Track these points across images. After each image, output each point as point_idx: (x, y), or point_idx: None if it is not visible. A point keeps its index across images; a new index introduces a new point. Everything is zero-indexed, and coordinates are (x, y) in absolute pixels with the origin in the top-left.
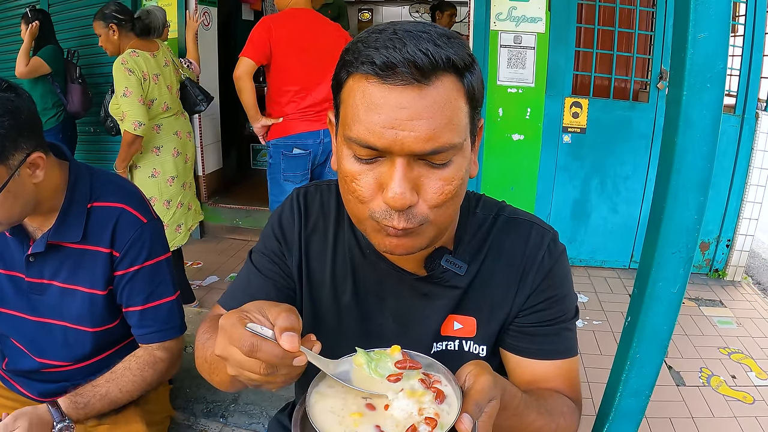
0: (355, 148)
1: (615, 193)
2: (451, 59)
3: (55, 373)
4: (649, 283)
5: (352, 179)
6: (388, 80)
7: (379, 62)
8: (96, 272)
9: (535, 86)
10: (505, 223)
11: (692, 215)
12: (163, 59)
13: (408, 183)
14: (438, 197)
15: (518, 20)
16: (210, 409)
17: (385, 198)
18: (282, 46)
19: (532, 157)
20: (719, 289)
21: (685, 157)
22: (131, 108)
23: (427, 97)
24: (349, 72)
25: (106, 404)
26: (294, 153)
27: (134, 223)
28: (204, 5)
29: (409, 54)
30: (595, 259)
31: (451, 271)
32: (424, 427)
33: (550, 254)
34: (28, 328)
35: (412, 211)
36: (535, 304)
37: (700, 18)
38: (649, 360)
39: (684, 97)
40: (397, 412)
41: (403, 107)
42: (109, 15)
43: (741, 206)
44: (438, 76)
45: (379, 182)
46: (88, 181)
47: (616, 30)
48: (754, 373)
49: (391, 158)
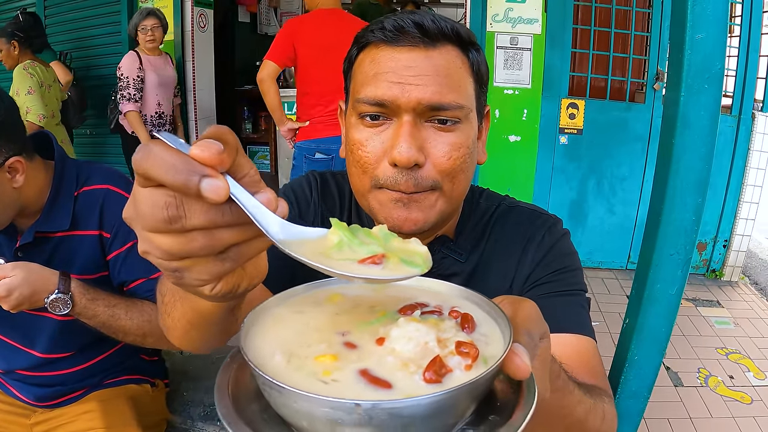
0: (363, 107)
1: (612, 194)
2: (456, 29)
3: (52, 377)
4: (647, 284)
5: (358, 147)
6: (397, 43)
7: (389, 26)
8: (86, 257)
9: (532, 87)
10: (506, 211)
11: (690, 217)
12: (53, 77)
13: (415, 140)
14: (446, 161)
15: (514, 21)
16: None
17: (392, 157)
18: (306, 49)
19: (529, 158)
20: (716, 290)
21: (683, 158)
22: (35, 104)
23: (434, 59)
24: (360, 47)
25: (108, 316)
26: (316, 157)
27: (121, 201)
28: (200, 7)
29: (417, 19)
30: (592, 260)
31: (451, 257)
32: (457, 360)
33: (550, 234)
34: (17, 322)
35: (420, 174)
36: (538, 278)
37: (697, 19)
38: (647, 362)
39: (682, 98)
40: (401, 343)
41: (410, 66)
42: (11, 32)
43: (738, 206)
44: (443, 44)
45: (384, 147)
46: (74, 170)
47: (612, 31)
48: (752, 373)
49: (398, 120)
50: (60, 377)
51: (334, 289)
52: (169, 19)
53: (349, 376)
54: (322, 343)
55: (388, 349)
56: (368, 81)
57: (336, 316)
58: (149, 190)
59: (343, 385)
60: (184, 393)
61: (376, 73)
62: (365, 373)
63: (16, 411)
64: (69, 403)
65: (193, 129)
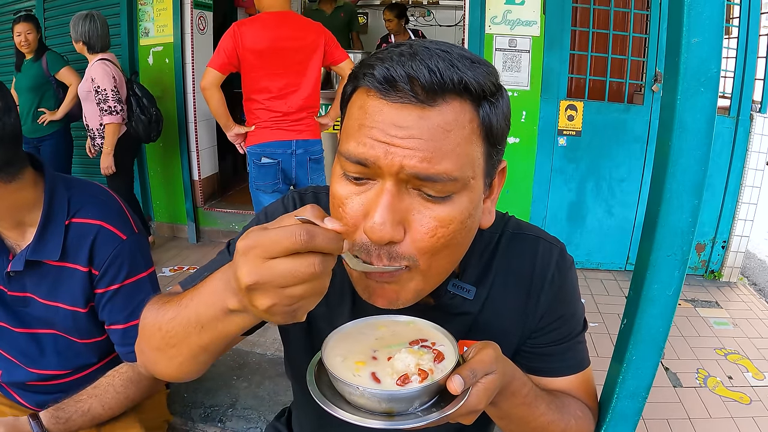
0: (345, 164)
1: (610, 195)
2: (465, 82)
3: (53, 385)
4: (645, 285)
5: (339, 204)
6: (387, 96)
7: (378, 75)
8: (76, 290)
9: (531, 89)
10: (510, 239)
11: (687, 218)
12: None
13: (393, 214)
14: (428, 239)
15: (513, 23)
16: (208, 414)
17: (365, 227)
18: (247, 53)
19: (528, 160)
20: (715, 291)
21: (680, 161)
22: None
23: (430, 119)
24: (354, 86)
25: (88, 420)
26: (262, 162)
27: (113, 241)
28: (199, 9)
29: (413, 70)
30: (591, 261)
31: (460, 296)
32: (416, 378)
33: (559, 271)
34: (16, 340)
35: (395, 249)
36: (547, 324)
37: (693, 23)
38: (645, 362)
39: (678, 101)
40: (397, 363)
41: (399, 126)
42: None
43: (736, 207)
44: (446, 99)
45: (365, 209)
46: (65, 195)
47: (610, 33)
48: (751, 373)
49: (381, 182)
50: (61, 385)
51: (382, 321)
52: (168, 21)
53: (365, 374)
54: (360, 354)
55: (390, 364)
56: (353, 133)
57: (375, 341)
58: (303, 260)
59: (361, 378)
60: (184, 394)
61: (361, 126)
62: (373, 374)
63: (18, 415)
64: None
65: (192, 132)
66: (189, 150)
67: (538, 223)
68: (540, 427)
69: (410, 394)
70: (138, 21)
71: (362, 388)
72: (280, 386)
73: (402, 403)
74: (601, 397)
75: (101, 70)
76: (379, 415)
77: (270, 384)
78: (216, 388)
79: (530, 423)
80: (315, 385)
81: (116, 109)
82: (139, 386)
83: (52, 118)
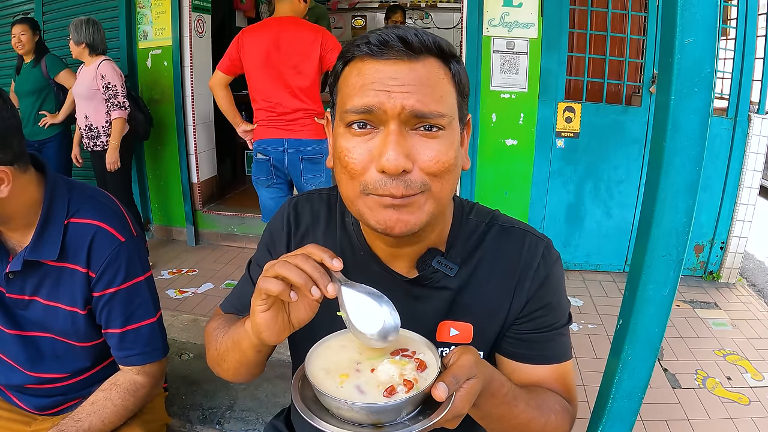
0: (350, 116)
1: (609, 197)
2: (438, 43)
3: (52, 388)
4: (640, 285)
5: (345, 154)
6: (382, 57)
7: (374, 40)
8: (75, 291)
9: (528, 91)
10: (499, 231)
11: (681, 218)
12: None
13: (402, 148)
14: (434, 164)
15: (511, 26)
16: (206, 416)
17: (380, 164)
18: (248, 57)
19: (526, 161)
20: (714, 291)
21: (674, 161)
22: None
23: (417, 70)
24: (345, 61)
25: None
26: (258, 158)
27: (110, 243)
28: (198, 12)
29: (402, 33)
30: (590, 263)
31: (442, 272)
32: (401, 389)
33: (545, 262)
34: (12, 343)
35: (409, 177)
36: (532, 311)
37: (686, 23)
38: (641, 362)
39: (672, 101)
40: (381, 374)
41: (395, 78)
42: None
43: (734, 208)
44: (426, 56)
45: (372, 155)
46: (65, 196)
47: (608, 35)
48: (750, 374)
49: (385, 128)
50: (59, 389)
51: None
52: (167, 24)
53: (349, 386)
54: (344, 367)
55: (374, 375)
56: (355, 92)
57: (358, 354)
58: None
59: (345, 390)
60: (183, 396)
61: (363, 84)
62: (358, 387)
63: (16, 418)
64: (69, 410)
65: (191, 134)
66: (188, 153)
67: (537, 225)
68: (521, 425)
69: (397, 404)
70: (136, 24)
71: (350, 402)
72: (278, 388)
73: (390, 414)
74: (598, 398)
75: (111, 68)
76: (367, 427)
77: (268, 386)
78: (214, 390)
79: (511, 421)
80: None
81: (125, 105)
82: (137, 396)
83: (53, 121)
